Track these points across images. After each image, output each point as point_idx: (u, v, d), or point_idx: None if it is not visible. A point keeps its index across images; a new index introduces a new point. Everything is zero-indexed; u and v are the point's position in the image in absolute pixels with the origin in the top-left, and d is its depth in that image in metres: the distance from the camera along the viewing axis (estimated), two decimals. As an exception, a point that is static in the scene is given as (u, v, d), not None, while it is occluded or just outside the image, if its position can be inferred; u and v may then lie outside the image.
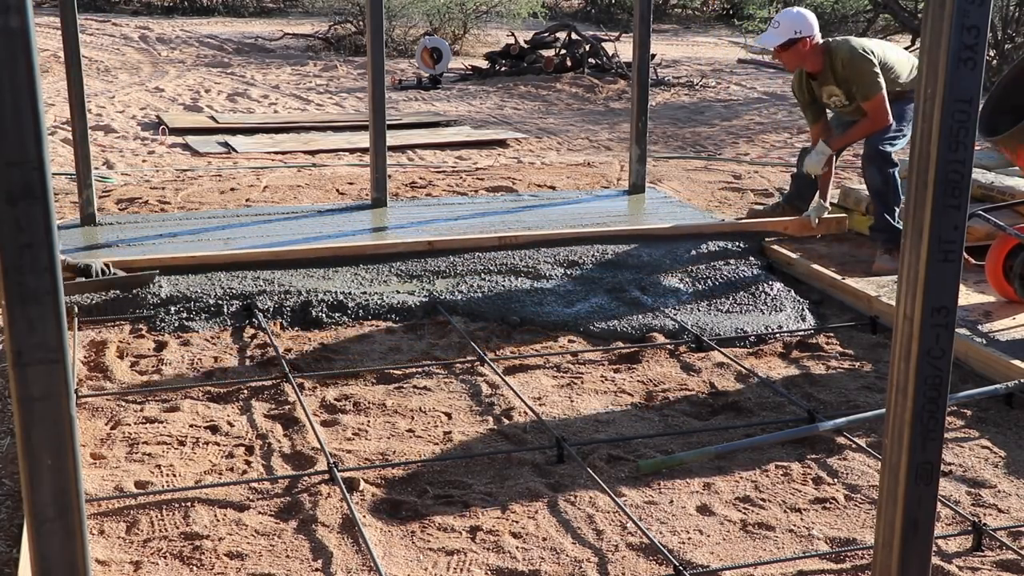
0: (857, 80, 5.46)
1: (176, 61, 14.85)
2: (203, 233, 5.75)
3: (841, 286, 5.10)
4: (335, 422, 3.74)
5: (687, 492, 3.27)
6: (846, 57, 5.47)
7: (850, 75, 5.48)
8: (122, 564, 2.84)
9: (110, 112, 10.64)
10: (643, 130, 6.67)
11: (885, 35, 16.63)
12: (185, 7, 21.93)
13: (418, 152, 9.14)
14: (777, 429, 3.68)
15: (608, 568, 2.85)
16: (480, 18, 17.81)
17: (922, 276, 1.91)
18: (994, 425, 3.77)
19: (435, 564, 2.86)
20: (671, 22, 23.56)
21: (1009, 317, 4.69)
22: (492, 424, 3.74)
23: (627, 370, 4.27)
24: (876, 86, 5.43)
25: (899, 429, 2.01)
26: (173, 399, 3.90)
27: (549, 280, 5.14)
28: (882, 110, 5.46)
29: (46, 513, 1.87)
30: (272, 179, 7.77)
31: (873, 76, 5.43)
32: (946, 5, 1.80)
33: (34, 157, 1.72)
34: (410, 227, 5.92)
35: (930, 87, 1.85)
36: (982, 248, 5.01)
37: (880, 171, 5.48)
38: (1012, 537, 3.02)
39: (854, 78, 5.47)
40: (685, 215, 6.25)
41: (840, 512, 3.17)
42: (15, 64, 1.69)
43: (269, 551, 2.90)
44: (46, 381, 1.81)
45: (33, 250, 1.75)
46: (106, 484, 3.26)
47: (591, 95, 12.62)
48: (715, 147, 9.56)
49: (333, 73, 14.15)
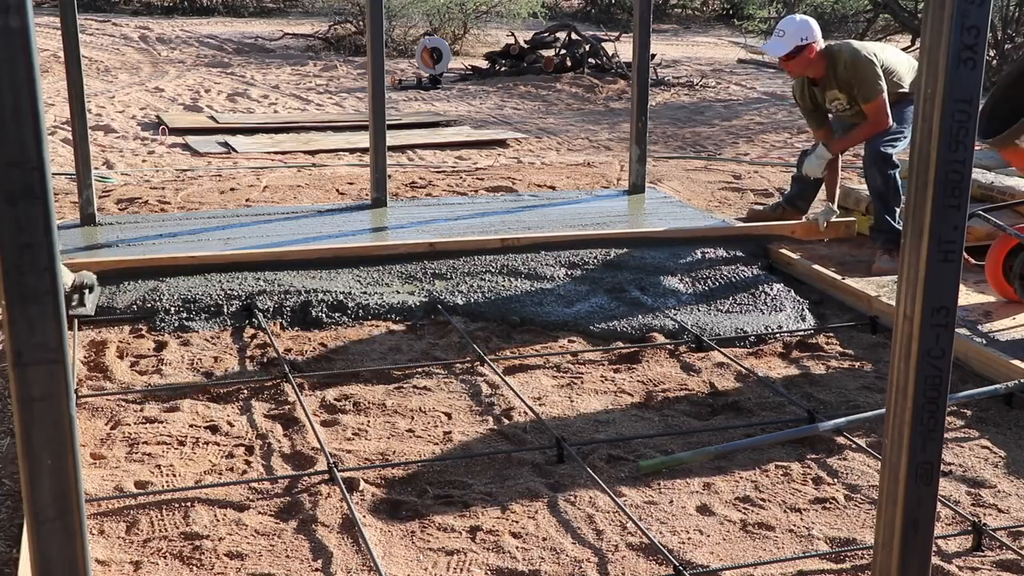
0: (859, 82, 5.47)
1: (176, 61, 14.85)
2: (203, 233, 5.75)
3: (841, 286, 5.10)
4: (335, 422, 3.74)
5: (687, 492, 3.27)
6: (848, 60, 5.48)
7: (852, 77, 5.48)
8: (122, 564, 2.84)
9: (110, 112, 10.64)
10: (643, 130, 6.67)
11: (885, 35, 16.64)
12: (185, 7, 21.92)
13: (418, 152, 9.14)
14: (777, 429, 3.68)
15: (608, 568, 2.85)
16: (480, 18, 17.81)
17: (922, 276, 1.91)
18: (994, 425, 3.77)
19: (435, 564, 2.86)
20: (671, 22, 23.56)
21: (1009, 317, 4.69)
22: (492, 424, 3.74)
23: (627, 370, 4.27)
24: (878, 88, 5.45)
25: (899, 429, 2.01)
26: (173, 399, 3.90)
27: (549, 280, 5.14)
28: (883, 112, 5.47)
29: (46, 513, 1.87)
30: (272, 179, 7.77)
31: (875, 78, 5.44)
32: (946, 5, 1.80)
33: (34, 157, 1.72)
34: (410, 227, 5.92)
35: (930, 87, 1.85)
36: (982, 248, 5.01)
37: (881, 172, 5.49)
38: (1012, 537, 3.02)
39: (856, 80, 5.47)
40: (685, 215, 6.25)
41: (840, 512, 3.17)
42: (15, 64, 1.69)
43: (269, 551, 2.90)
44: (46, 381, 1.81)
45: (33, 250, 1.75)
46: (106, 484, 3.26)
47: (591, 95, 12.62)
48: (715, 147, 9.56)
49: (333, 73, 14.15)
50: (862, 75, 5.45)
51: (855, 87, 5.50)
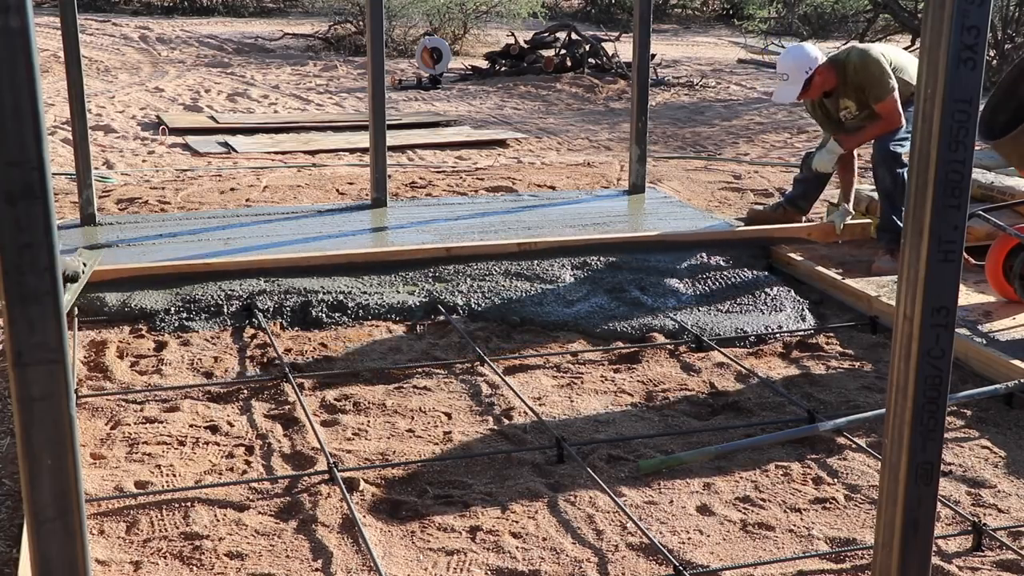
0: (869, 83, 5.45)
1: (176, 61, 14.85)
2: (203, 233, 5.74)
3: (841, 286, 5.10)
4: (335, 422, 3.74)
5: (687, 492, 3.27)
6: (858, 63, 5.47)
7: (863, 79, 5.46)
8: (122, 564, 2.84)
9: (110, 112, 10.64)
10: (643, 130, 6.66)
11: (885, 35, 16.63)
12: (185, 7, 21.93)
13: (418, 152, 9.14)
14: (777, 429, 3.68)
15: (608, 568, 2.85)
16: (480, 18, 17.81)
17: (922, 276, 1.91)
18: (994, 425, 3.77)
19: (435, 564, 2.86)
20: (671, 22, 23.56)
21: (1009, 317, 4.69)
22: (492, 424, 3.74)
23: (627, 370, 4.27)
24: (888, 87, 5.43)
25: (899, 429, 2.01)
26: (173, 399, 3.90)
27: (549, 280, 5.14)
28: (895, 111, 5.46)
29: (46, 513, 1.87)
30: (272, 179, 7.77)
31: (885, 78, 5.43)
32: (946, 5, 1.80)
33: (34, 157, 1.72)
34: (410, 227, 5.91)
35: (930, 87, 1.85)
36: (982, 248, 5.01)
37: (890, 172, 5.47)
38: (1012, 537, 3.02)
39: (866, 81, 5.45)
40: (685, 215, 6.25)
41: (840, 512, 3.17)
42: (15, 64, 1.69)
43: (269, 551, 2.90)
44: (46, 381, 1.81)
45: (33, 250, 1.75)
46: (106, 484, 3.26)
47: (591, 95, 12.62)
48: (715, 147, 9.56)
49: (333, 73, 14.15)
50: (873, 75, 5.43)
51: (866, 89, 5.48)
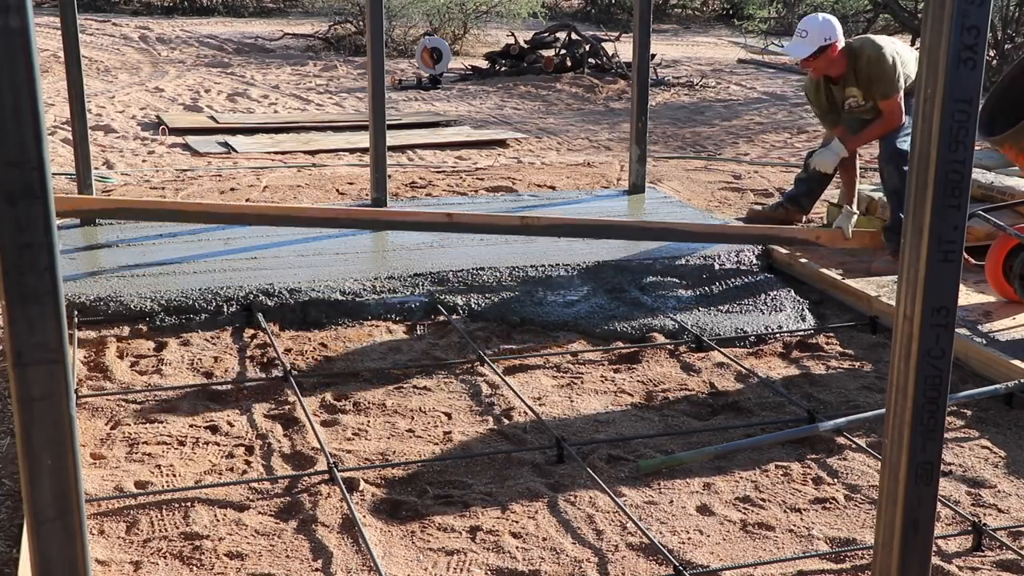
0: (879, 79, 5.43)
1: (176, 61, 14.85)
2: (203, 233, 5.75)
3: (841, 286, 5.10)
4: (335, 422, 3.74)
5: (687, 492, 3.27)
6: (872, 55, 5.44)
7: (874, 73, 5.44)
8: (122, 564, 2.84)
9: (110, 112, 10.64)
10: (643, 130, 6.66)
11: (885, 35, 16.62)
12: (185, 7, 21.92)
13: (418, 152, 9.14)
14: (777, 429, 3.68)
15: (608, 568, 2.85)
16: (480, 18, 17.80)
17: (922, 276, 1.91)
18: (994, 425, 3.77)
19: (435, 564, 2.86)
20: (671, 22, 23.55)
21: (1009, 317, 4.69)
22: (492, 424, 3.74)
23: (627, 370, 4.27)
24: (895, 86, 5.43)
25: (899, 429, 2.01)
26: (173, 399, 3.90)
27: (549, 280, 5.13)
28: (898, 110, 5.45)
29: (46, 513, 1.87)
30: (272, 179, 7.76)
31: (895, 76, 5.42)
32: (946, 5, 1.80)
33: (34, 157, 1.72)
34: (410, 227, 5.91)
35: (930, 87, 1.85)
36: (982, 248, 5.01)
37: (898, 169, 5.44)
38: (1012, 537, 3.02)
39: (876, 77, 5.43)
40: (685, 215, 6.25)
41: (840, 512, 3.17)
42: (15, 64, 1.69)
43: (269, 551, 2.90)
44: (46, 381, 1.81)
45: (33, 250, 1.75)
46: (106, 484, 3.26)
47: (591, 95, 12.62)
48: (715, 147, 9.56)
49: (333, 73, 14.15)
50: (885, 72, 5.40)
51: (874, 84, 5.46)
